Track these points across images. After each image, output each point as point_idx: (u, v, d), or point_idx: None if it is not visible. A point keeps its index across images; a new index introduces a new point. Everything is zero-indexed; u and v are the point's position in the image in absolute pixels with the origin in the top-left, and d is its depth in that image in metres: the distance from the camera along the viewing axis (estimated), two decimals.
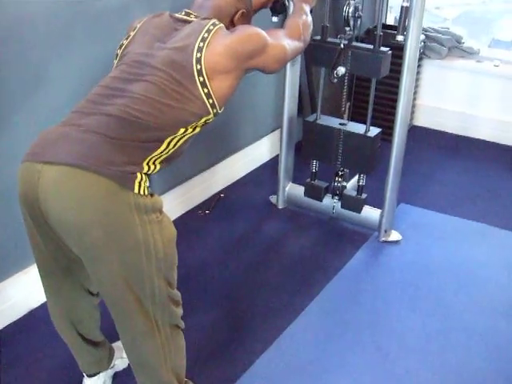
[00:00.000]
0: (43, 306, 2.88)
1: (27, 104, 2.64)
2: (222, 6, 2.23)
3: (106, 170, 1.75)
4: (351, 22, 3.10)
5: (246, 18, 2.34)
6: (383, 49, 3.15)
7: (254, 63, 2.12)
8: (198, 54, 1.96)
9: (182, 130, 1.97)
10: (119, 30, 2.78)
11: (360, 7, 3.10)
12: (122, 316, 1.97)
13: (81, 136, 1.82)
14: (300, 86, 3.68)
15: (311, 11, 2.61)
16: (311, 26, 2.53)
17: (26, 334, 2.78)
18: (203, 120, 2.02)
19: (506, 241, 3.60)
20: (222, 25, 2.08)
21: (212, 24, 2.05)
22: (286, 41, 2.29)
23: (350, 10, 3.06)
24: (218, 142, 3.86)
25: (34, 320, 2.86)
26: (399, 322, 2.93)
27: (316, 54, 3.27)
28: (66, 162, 1.76)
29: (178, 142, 1.98)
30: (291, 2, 2.76)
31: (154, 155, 1.90)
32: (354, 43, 3.24)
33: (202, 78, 1.96)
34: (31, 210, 1.87)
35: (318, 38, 3.29)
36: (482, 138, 4.95)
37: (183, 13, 2.17)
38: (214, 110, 2.02)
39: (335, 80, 3.22)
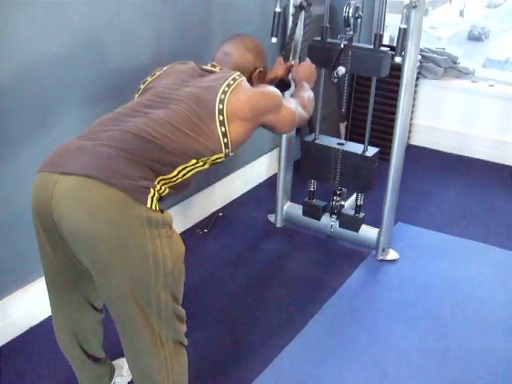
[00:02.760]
0: (43, 324, 2.90)
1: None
2: (243, 63, 2.44)
3: (120, 183, 1.79)
4: (351, 22, 3.12)
5: (263, 77, 2.55)
6: (383, 48, 3.15)
7: (267, 119, 2.27)
8: (222, 96, 2.11)
9: (193, 161, 2.04)
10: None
11: (360, 7, 3.12)
12: (128, 329, 1.98)
13: (97, 149, 1.88)
14: None
15: None
16: (314, 101, 2.73)
17: (26, 351, 2.78)
18: (214, 157, 2.11)
19: (503, 259, 3.62)
20: (244, 78, 2.25)
21: (238, 75, 2.22)
22: (296, 107, 2.47)
23: (350, 10, 3.08)
24: None
25: (35, 337, 2.86)
26: (397, 340, 2.94)
27: (316, 55, 3.21)
28: (82, 173, 1.81)
29: (187, 172, 2.04)
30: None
31: (164, 178, 1.95)
32: (354, 43, 3.24)
33: (221, 117, 2.08)
34: (44, 219, 1.90)
35: (318, 38, 3.30)
36: (478, 157, 4.98)
37: (209, 64, 2.37)
38: (226, 150, 2.12)
39: (335, 80, 3.20)
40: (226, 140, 2.10)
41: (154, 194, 1.86)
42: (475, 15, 6.48)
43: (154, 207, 1.84)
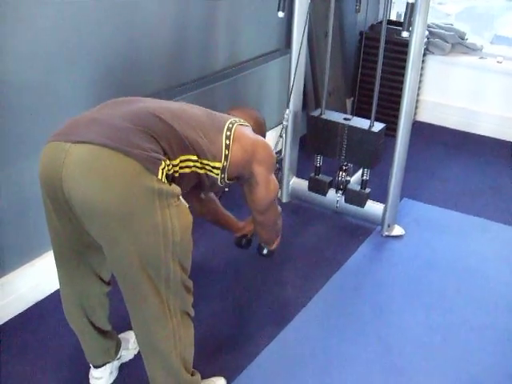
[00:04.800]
0: (50, 298, 2.93)
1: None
2: None
3: (133, 152, 1.82)
4: None
5: None
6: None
7: (258, 169, 2.35)
8: (234, 121, 2.25)
9: (195, 157, 2.06)
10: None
11: None
12: (136, 299, 2.01)
13: (111, 121, 1.92)
14: (304, 81, 3.70)
15: None
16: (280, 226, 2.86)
17: (32, 325, 2.81)
18: (213, 164, 2.14)
19: (508, 236, 3.63)
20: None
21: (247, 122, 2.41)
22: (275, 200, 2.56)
23: None
24: None
25: (41, 311, 2.88)
26: (402, 315, 2.96)
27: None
28: (95, 142, 1.83)
29: (186, 166, 2.05)
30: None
31: (168, 163, 1.94)
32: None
33: (228, 133, 2.19)
34: (52, 190, 1.91)
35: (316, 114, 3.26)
36: (484, 133, 4.97)
37: None
38: (225, 163, 2.17)
39: None
40: (227, 152, 2.16)
41: (165, 167, 1.88)
42: None
43: (163, 179, 1.86)
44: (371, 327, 2.87)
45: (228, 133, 2.17)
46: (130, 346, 2.61)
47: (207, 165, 2.12)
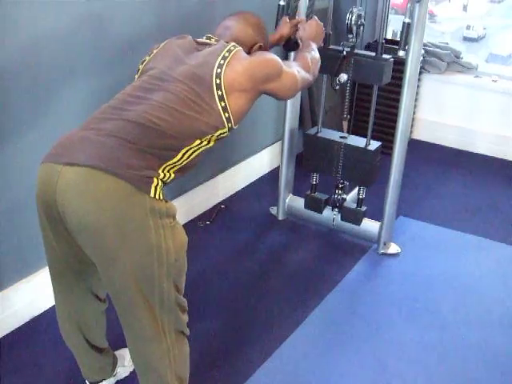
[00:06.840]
0: (45, 314, 2.92)
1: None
2: (242, 37, 2.36)
3: (123, 173, 1.81)
4: (354, 30, 3.13)
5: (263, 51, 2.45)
6: (385, 56, 3.16)
7: (268, 87, 2.23)
8: (218, 70, 2.07)
9: (197, 142, 2.03)
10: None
11: (363, 15, 3.14)
12: (130, 319, 2.00)
13: (100, 139, 1.89)
14: (301, 99, 3.71)
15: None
16: (319, 62, 2.66)
17: (28, 341, 2.80)
18: (218, 133, 2.09)
19: (504, 254, 3.63)
20: (240, 48, 2.19)
21: (233, 45, 2.17)
22: (298, 71, 2.39)
23: (353, 18, 3.09)
24: (219, 153, 3.88)
25: (37, 327, 2.87)
26: (397, 333, 2.95)
27: None
28: (85, 164, 1.82)
29: (192, 153, 2.04)
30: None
31: (169, 164, 1.96)
32: (357, 50, 3.24)
33: (220, 92, 2.05)
34: (48, 210, 1.91)
35: (321, 45, 3.25)
36: (480, 152, 4.99)
37: (205, 37, 2.31)
38: (229, 125, 2.10)
39: (337, 87, 3.23)
40: (227, 114, 2.08)
41: (158, 183, 1.88)
42: (478, 10, 6.48)
43: (157, 197, 1.86)
44: (367, 345, 2.87)
45: (219, 92, 2.05)
46: (125, 362, 2.60)
47: (212, 136, 2.08)
